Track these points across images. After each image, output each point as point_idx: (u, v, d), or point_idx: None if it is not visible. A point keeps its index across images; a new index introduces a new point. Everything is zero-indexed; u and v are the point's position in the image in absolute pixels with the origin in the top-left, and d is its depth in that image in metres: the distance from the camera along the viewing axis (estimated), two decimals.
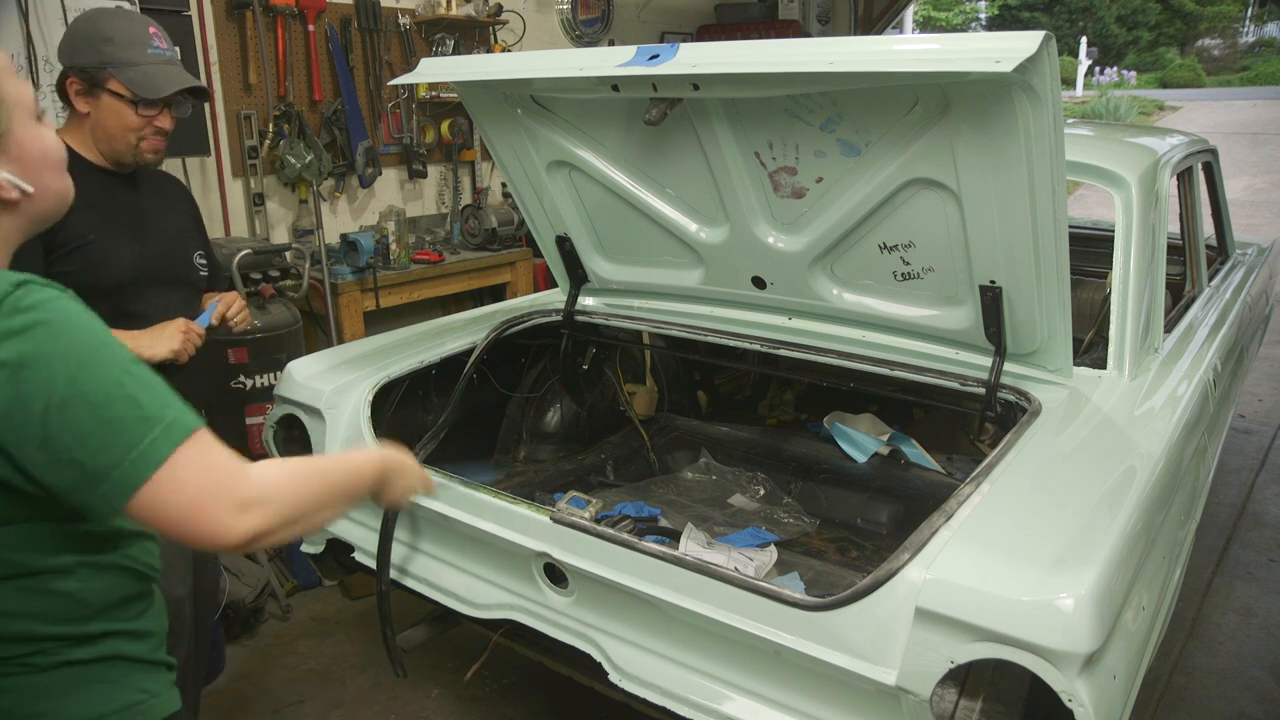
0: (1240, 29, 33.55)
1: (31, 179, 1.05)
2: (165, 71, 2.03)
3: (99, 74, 1.97)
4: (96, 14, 2.05)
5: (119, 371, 1.00)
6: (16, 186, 1.04)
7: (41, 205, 1.08)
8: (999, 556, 1.47)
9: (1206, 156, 3.45)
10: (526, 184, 2.60)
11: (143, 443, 0.99)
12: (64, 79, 1.98)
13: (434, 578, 2.21)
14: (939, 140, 1.86)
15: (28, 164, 1.05)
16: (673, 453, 3.11)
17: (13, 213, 1.06)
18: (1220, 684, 2.91)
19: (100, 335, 1.01)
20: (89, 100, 1.99)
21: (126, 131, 2.01)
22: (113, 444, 0.98)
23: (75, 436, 0.96)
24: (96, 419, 0.97)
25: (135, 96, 1.98)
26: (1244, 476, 4.41)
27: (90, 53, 1.97)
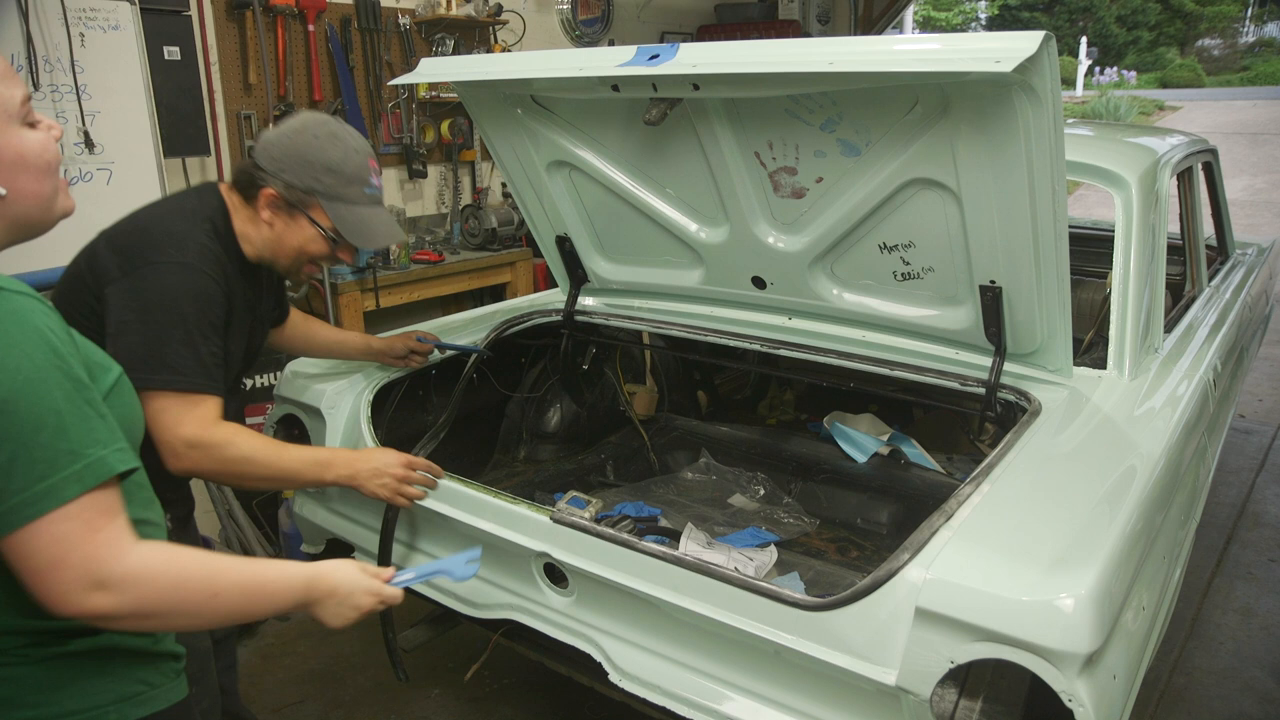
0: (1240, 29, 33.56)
1: (4, 181, 1.04)
2: (376, 216, 1.88)
3: (306, 199, 1.81)
4: (324, 137, 1.82)
5: (61, 396, 0.98)
6: None
7: (18, 208, 1.07)
8: (999, 556, 1.47)
9: (1206, 156, 3.45)
10: (526, 184, 2.60)
11: (52, 477, 0.97)
12: (259, 178, 1.81)
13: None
14: (939, 140, 1.86)
15: (1, 166, 1.04)
16: (673, 453, 3.11)
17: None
18: (1220, 684, 2.91)
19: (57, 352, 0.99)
20: (280, 215, 1.83)
21: (304, 255, 1.86)
22: (24, 469, 0.96)
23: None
24: (18, 439, 0.95)
25: (333, 234, 1.83)
26: (1244, 476, 4.41)
27: (306, 176, 1.79)
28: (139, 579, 1.02)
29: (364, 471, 1.82)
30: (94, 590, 0.99)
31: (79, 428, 0.99)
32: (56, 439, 0.97)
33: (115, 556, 1.00)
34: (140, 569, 1.02)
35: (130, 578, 1.01)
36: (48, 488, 0.97)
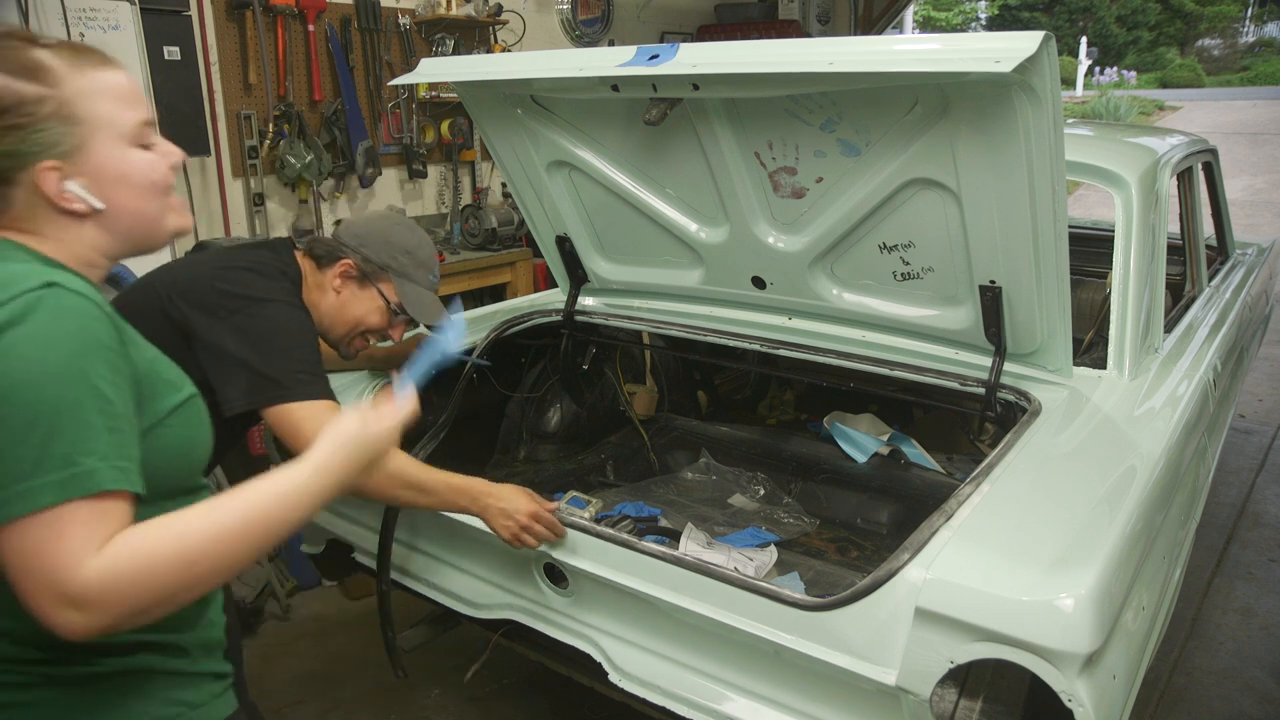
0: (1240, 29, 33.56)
1: (104, 196, 1.08)
2: (433, 300, 2.10)
3: (380, 273, 2.01)
4: (404, 224, 2.13)
5: (73, 399, 0.96)
6: (83, 199, 1.07)
7: (123, 223, 1.11)
8: (999, 556, 1.47)
9: (1206, 156, 3.45)
10: (526, 184, 2.60)
11: (33, 480, 0.93)
12: (340, 250, 2.00)
13: (434, 578, 2.21)
14: (939, 140, 1.86)
15: (102, 181, 1.08)
16: (673, 453, 3.11)
17: (89, 225, 1.09)
18: (1220, 684, 2.91)
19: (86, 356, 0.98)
20: (351, 285, 2.00)
21: (361, 326, 2.03)
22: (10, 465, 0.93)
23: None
24: (10, 432, 0.93)
25: (398, 308, 2.03)
26: (1244, 476, 4.41)
27: (384, 253, 2.01)
28: (104, 593, 0.94)
29: (493, 509, 1.85)
30: (65, 608, 0.93)
31: (78, 434, 0.95)
32: (49, 441, 0.94)
33: (77, 568, 0.93)
34: (103, 575, 0.94)
35: (94, 593, 0.94)
36: (25, 490, 0.93)
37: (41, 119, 1.03)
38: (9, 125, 1.02)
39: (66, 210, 1.07)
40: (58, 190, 1.05)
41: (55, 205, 1.06)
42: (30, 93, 1.02)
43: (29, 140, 1.03)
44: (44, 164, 1.04)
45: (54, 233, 1.08)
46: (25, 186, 1.05)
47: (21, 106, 1.02)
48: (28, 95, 1.02)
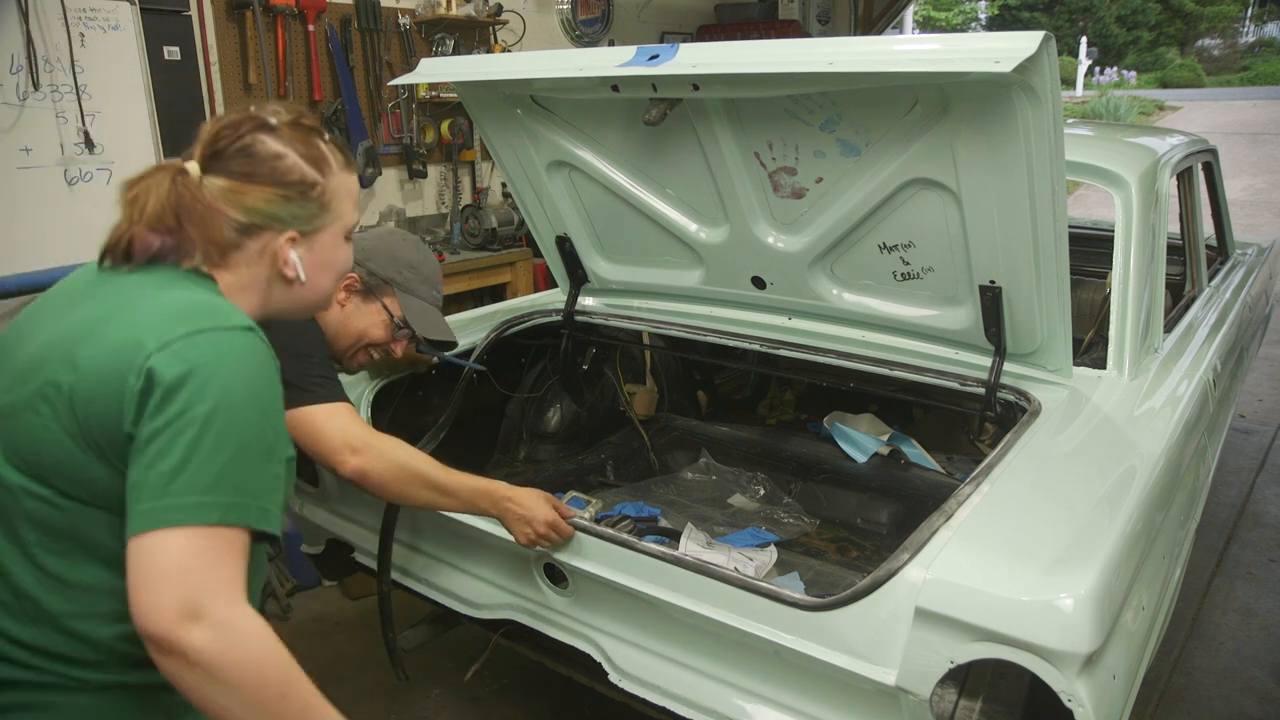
0: (1240, 29, 33.56)
1: (310, 273, 1.25)
2: (437, 316, 2.16)
3: (384, 286, 2.05)
4: (410, 240, 2.18)
5: (256, 439, 1.07)
6: (297, 270, 1.24)
7: (304, 296, 1.28)
8: (999, 556, 1.47)
9: (1206, 156, 3.45)
10: (526, 184, 2.60)
11: (207, 496, 1.02)
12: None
13: (434, 578, 2.21)
14: (939, 140, 1.86)
15: (316, 261, 1.26)
16: (673, 453, 3.11)
17: (285, 289, 1.25)
18: (1220, 684, 2.91)
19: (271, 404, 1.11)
20: (355, 298, 2.04)
21: (364, 339, 2.05)
22: (190, 478, 1.01)
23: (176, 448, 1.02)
24: (198, 449, 1.02)
25: (401, 322, 2.06)
26: (1244, 476, 4.41)
27: (389, 267, 2.06)
28: (236, 631, 1.01)
29: (513, 514, 1.85)
30: (191, 620, 0.98)
31: (251, 471, 1.06)
32: (229, 468, 1.04)
33: (229, 597, 1.01)
34: (242, 624, 1.01)
35: (230, 625, 1.00)
36: (198, 503, 1.01)
37: (309, 199, 1.22)
38: (286, 195, 1.20)
39: (279, 273, 1.23)
40: (285, 256, 1.22)
41: (275, 267, 1.22)
42: (310, 177, 1.22)
43: (292, 211, 1.21)
44: (290, 233, 1.22)
45: (250, 284, 1.22)
46: (261, 243, 1.21)
47: (300, 185, 1.21)
48: (309, 178, 1.22)
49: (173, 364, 1.04)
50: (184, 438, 1.02)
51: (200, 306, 1.11)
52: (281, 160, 1.19)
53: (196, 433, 1.02)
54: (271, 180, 1.18)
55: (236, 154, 1.18)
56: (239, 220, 1.18)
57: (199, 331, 1.07)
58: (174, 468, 1.01)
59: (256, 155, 1.18)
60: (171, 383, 1.03)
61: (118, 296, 1.13)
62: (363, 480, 1.74)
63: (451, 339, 2.21)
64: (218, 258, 1.18)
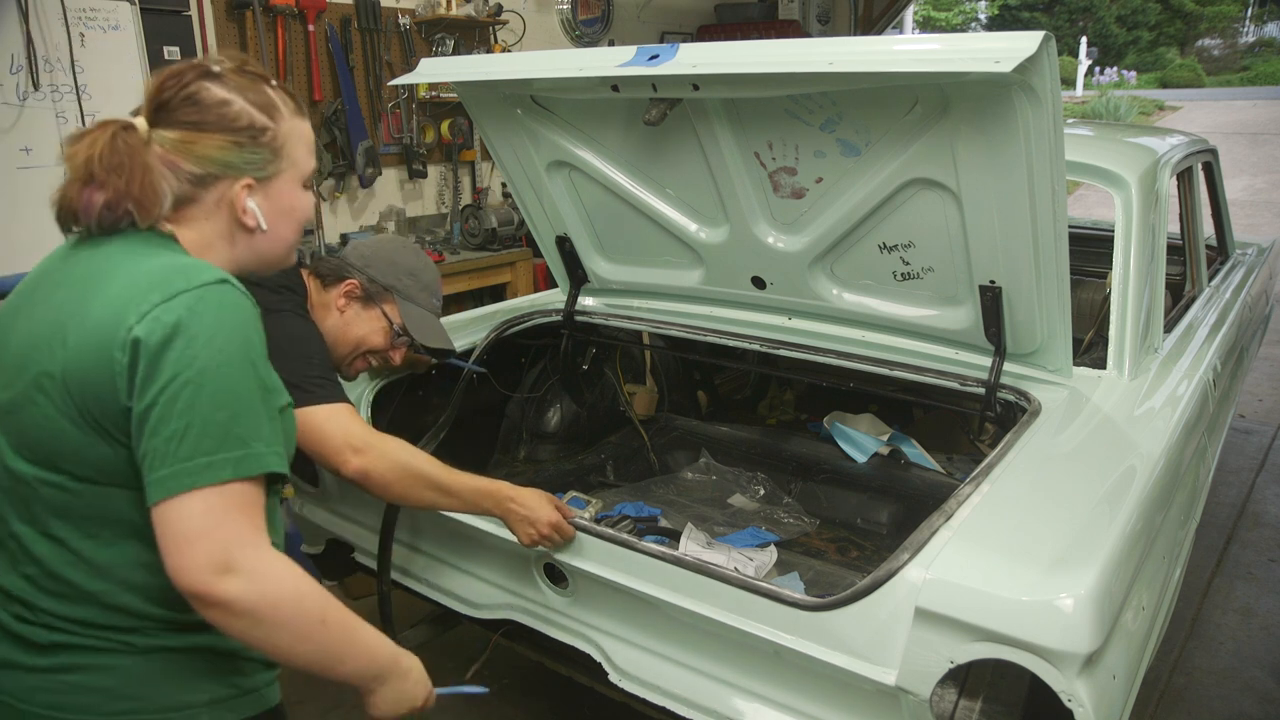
0: (1240, 29, 33.56)
1: (270, 220, 1.24)
2: (437, 324, 2.16)
3: (384, 293, 2.05)
4: (410, 248, 2.19)
5: (247, 389, 1.10)
6: (257, 218, 1.22)
7: (267, 245, 1.27)
8: (999, 556, 1.47)
9: (1206, 156, 3.45)
10: (526, 184, 2.60)
11: (216, 455, 1.06)
12: (345, 270, 2.04)
13: (434, 578, 2.21)
14: (939, 140, 1.86)
15: (275, 208, 1.25)
16: (673, 453, 3.11)
17: (247, 239, 1.24)
18: (1220, 684, 2.91)
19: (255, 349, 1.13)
20: (354, 304, 2.03)
21: (363, 346, 2.05)
22: (194, 442, 1.05)
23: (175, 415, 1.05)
24: (197, 412, 1.05)
25: (400, 329, 2.06)
26: (1244, 476, 4.41)
27: (389, 274, 2.06)
28: (267, 575, 1.07)
29: (517, 514, 1.85)
30: (224, 573, 1.04)
31: (251, 420, 1.09)
32: (231, 423, 1.07)
33: (254, 545, 1.07)
34: (271, 567, 1.08)
35: (261, 570, 1.07)
36: (208, 463, 1.05)
37: (259, 145, 1.21)
38: (237, 142, 1.19)
39: (239, 222, 1.22)
40: (244, 204, 1.21)
41: (234, 216, 1.21)
42: (260, 121, 1.21)
43: (244, 157, 1.20)
44: (246, 180, 1.21)
45: (213, 238, 1.22)
46: (217, 193, 1.20)
47: (250, 130, 1.20)
48: (258, 123, 1.20)
49: (154, 330, 1.06)
50: (180, 401, 1.05)
51: (170, 269, 1.12)
52: (229, 106, 1.18)
53: (191, 395, 1.05)
54: (220, 127, 1.18)
55: (182, 103, 1.17)
56: (193, 171, 1.17)
57: (174, 295, 1.08)
58: (178, 433, 1.04)
59: (203, 103, 1.18)
60: (156, 349, 1.05)
61: (89, 275, 1.14)
62: (365, 480, 1.74)
63: (450, 348, 2.21)
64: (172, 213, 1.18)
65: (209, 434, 1.06)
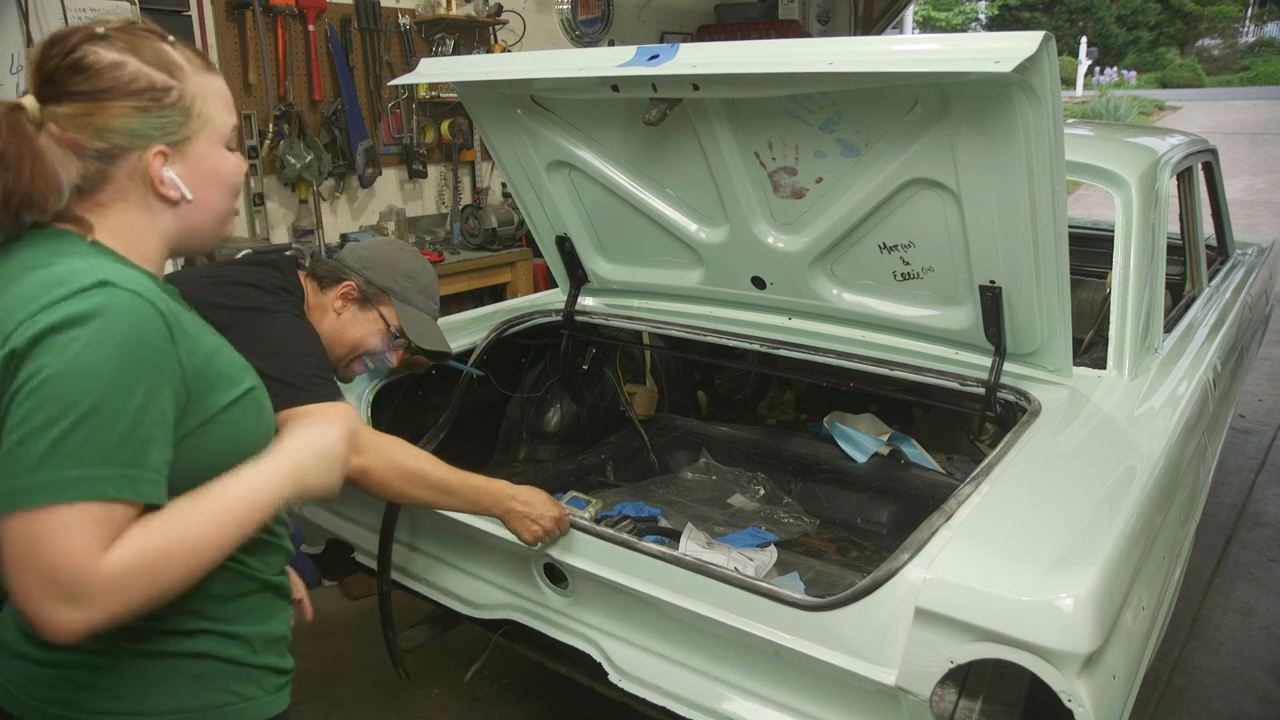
0: (1240, 29, 33.56)
1: (194, 189, 1.14)
2: (434, 327, 2.15)
3: (381, 295, 2.04)
4: (408, 250, 2.18)
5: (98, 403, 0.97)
6: (178, 187, 1.13)
7: (197, 216, 1.17)
8: (999, 556, 1.47)
9: (1206, 156, 3.45)
10: (526, 184, 2.60)
11: (39, 475, 0.94)
12: (343, 272, 2.03)
13: (434, 578, 2.21)
14: (939, 140, 1.86)
15: (197, 175, 1.14)
16: (673, 453, 3.11)
17: (173, 213, 1.14)
18: (1220, 684, 2.91)
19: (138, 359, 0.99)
20: (352, 306, 2.03)
21: (360, 348, 2.04)
22: (25, 455, 0.95)
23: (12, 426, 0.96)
24: (34, 425, 0.95)
25: (397, 331, 2.05)
26: (1244, 476, 4.41)
27: (387, 276, 2.05)
28: (108, 585, 0.96)
29: (517, 513, 1.85)
30: (62, 604, 0.94)
31: (97, 438, 0.97)
32: (68, 441, 0.95)
33: (79, 566, 0.94)
34: (109, 575, 0.96)
35: (98, 587, 0.95)
36: (32, 484, 0.94)
37: (165, 106, 1.10)
38: (139, 106, 1.08)
39: (159, 195, 1.12)
40: (159, 174, 1.11)
41: (152, 189, 1.11)
42: (160, 80, 1.10)
43: (150, 123, 1.09)
44: (157, 147, 1.10)
45: (134, 218, 1.12)
46: (128, 167, 1.10)
47: (151, 91, 1.09)
48: (158, 82, 1.10)
49: (14, 350, 0.97)
50: (20, 411, 0.96)
51: (54, 279, 1.01)
52: (123, 68, 1.07)
53: (31, 405, 0.95)
54: (118, 92, 1.07)
55: (69, 72, 1.06)
56: (97, 146, 1.07)
57: (50, 304, 0.98)
58: (12, 445, 0.96)
59: (92, 68, 1.06)
60: (12, 368, 0.97)
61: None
62: (363, 479, 1.74)
63: (447, 350, 2.20)
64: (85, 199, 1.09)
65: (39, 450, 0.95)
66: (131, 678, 1.13)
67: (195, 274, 1.97)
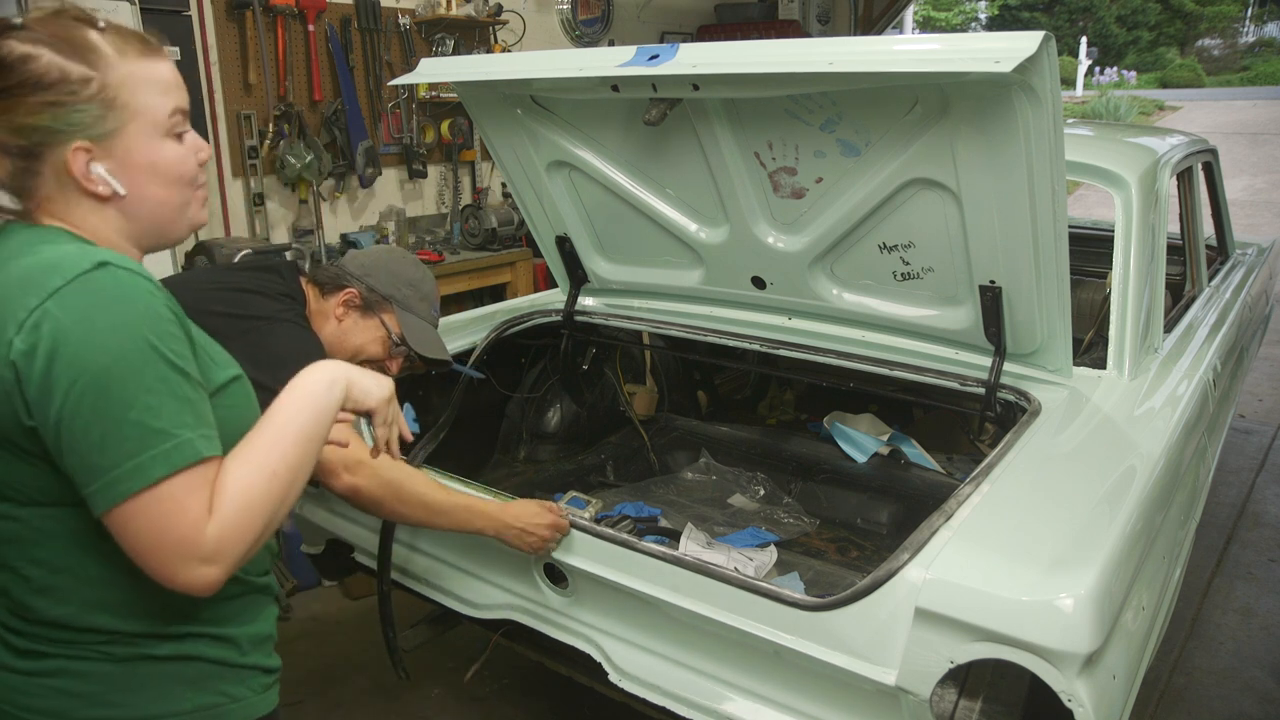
0: (1240, 29, 33.55)
1: (130, 182, 1.09)
2: (435, 335, 2.15)
3: (383, 303, 2.04)
4: (409, 258, 2.18)
5: (154, 376, 1.00)
6: (107, 183, 1.07)
7: (145, 210, 1.12)
8: (999, 556, 1.47)
9: (1206, 156, 3.45)
10: (526, 184, 2.60)
11: (141, 456, 0.98)
12: (345, 279, 2.03)
13: (434, 578, 2.21)
14: (939, 140, 1.86)
15: (130, 168, 1.09)
16: (673, 453, 3.11)
17: (111, 210, 1.10)
18: (1220, 684, 2.91)
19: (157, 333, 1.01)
20: (353, 314, 2.03)
21: (360, 355, 2.03)
22: (114, 446, 0.98)
23: (83, 425, 0.97)
24: (110, 416, 0.98)
25: (398, 339, 2.05)
26: (1244, 476, 4.41)
27: (388, 284, 2.05)
28: (224, 536, 1.02)
29: (511, 530, 1.85)
30: (199, 565, 1.01)
31: (168, 410, 1.00)
32: (150, 418, 0.99)
33: (201, 529, 1.01)
34: (223, 527, 1.02)
35: (219, 541, 1.02)
36: (137, 466, 0.98)
37: (82, 100, 1.04)
38: (49, 101, 1.03)
39: (90, 193, 1.08)
40: (84, 171, 1.06)
41: (80, 187, 1.07)
42: (76, 72, 1.04)
43: (65, 118, 1.04)
44: (76, 144, 1.05)
45: (79, 216, 1.09)
46: (54, 166, 1.06)
47: (65, 84, 1.03)
48: (73, 74, 1.04)
49: (34, 341, 0.97)
50: (84, 412, 0.97)
51: (48, 265, 1.00)
52: (34, 62, 1.02)
53: (94, 402, 0.97)
54: (29, 86, 1.02)
55: None
56: (18, 143, 1.03)
57: (48, 297, 0.98)
58: (95, 444, 0.98)
59: (3, 63, 1.02)
60: (42, 363, 0.97)
61: None
62: (354, 497, 1.72)
63: (447, 359, 2.19)
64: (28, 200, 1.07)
65: (127, 436, 0.98)
66: (122, 683, 1.12)
67: (194, 279, 1.96)
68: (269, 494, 1.06)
